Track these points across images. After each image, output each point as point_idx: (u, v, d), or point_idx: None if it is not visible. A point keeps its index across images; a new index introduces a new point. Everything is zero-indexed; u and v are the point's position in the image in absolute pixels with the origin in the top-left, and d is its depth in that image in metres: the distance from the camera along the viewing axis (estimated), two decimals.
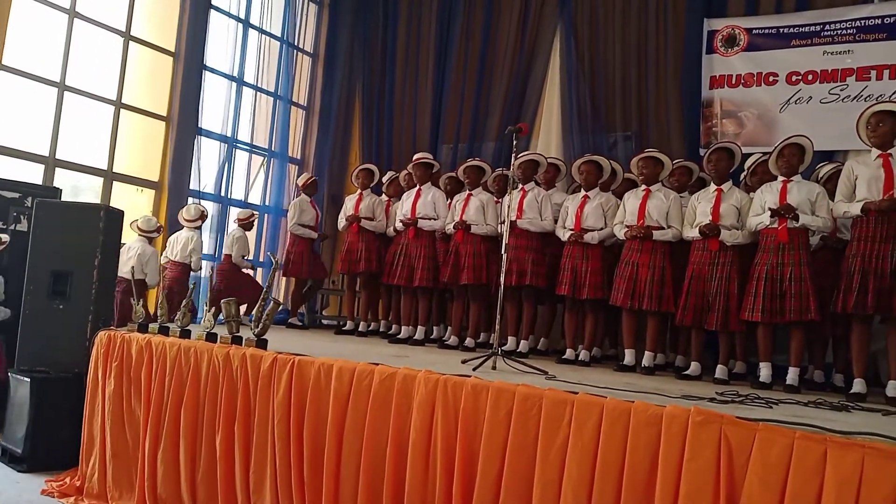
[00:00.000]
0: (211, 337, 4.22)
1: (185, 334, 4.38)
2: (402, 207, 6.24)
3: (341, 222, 6.82)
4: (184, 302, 4.61)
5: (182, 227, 6.65)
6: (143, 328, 4.62)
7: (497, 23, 7.99)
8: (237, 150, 7.88)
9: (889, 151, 4.19)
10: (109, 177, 6.82)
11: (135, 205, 7.10)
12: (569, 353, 5.29)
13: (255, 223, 7.49)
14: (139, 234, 6.39)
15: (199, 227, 6.67)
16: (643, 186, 5.09)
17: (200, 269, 6.68)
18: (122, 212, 5.18)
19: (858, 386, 4.11)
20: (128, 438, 4.34)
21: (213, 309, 4.45)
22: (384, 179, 7.14)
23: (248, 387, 3.82)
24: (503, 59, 7.86)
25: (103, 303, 4.87)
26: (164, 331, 4.51)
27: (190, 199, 7.15)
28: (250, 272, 7.45)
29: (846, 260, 4.21)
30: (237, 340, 4.11)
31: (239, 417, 3.82)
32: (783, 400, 3.67)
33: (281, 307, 6.64)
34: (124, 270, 5.70)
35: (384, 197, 7.03)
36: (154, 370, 4.28)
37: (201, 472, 3.98)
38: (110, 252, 4.98)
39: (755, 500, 2.52)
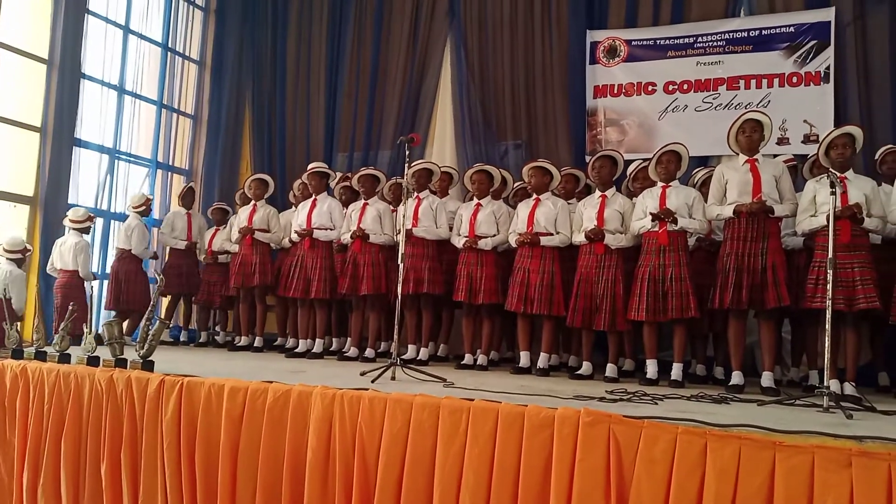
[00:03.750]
0: (93, 361, 4.01)
1: (65, 359, 4.13)
2: (298, 217, 6.14)
3: (234, 234, 6.63)
4: (62, 325, 4.36)
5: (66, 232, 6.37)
6: (17, 354, 4.33)
7: (388, 32, 8.00)
8: (119, 162, 7.53)
9: (755, 157, 4.49)
10: None
11: (8, 221, 6.65)
12: (467, 359, 5.36)
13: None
14: (5, 255, 6.02)
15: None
16: (534, 195, 5.23)
17: (92, 278, 6.39)
18: None
19: (737, 378, 4.37)
20: (2, 473, 4.06)
21: (94, 331, 4.22)
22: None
23: (133, 411, 3.65)
24: (395, 68, 7.88)
25: None
26: (40, 356, 4.25)
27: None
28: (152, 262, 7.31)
29: (721, 259, 4.47)
30: (121, 363, 3.91)
31: (125, 444, 3.64)
32: (668, 395, 3.86)
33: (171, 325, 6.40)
34: None
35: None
36: (31, 399, 4.03)
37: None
38: None
39: (643, 494, 2.63)
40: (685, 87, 6.71)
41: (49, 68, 6.81)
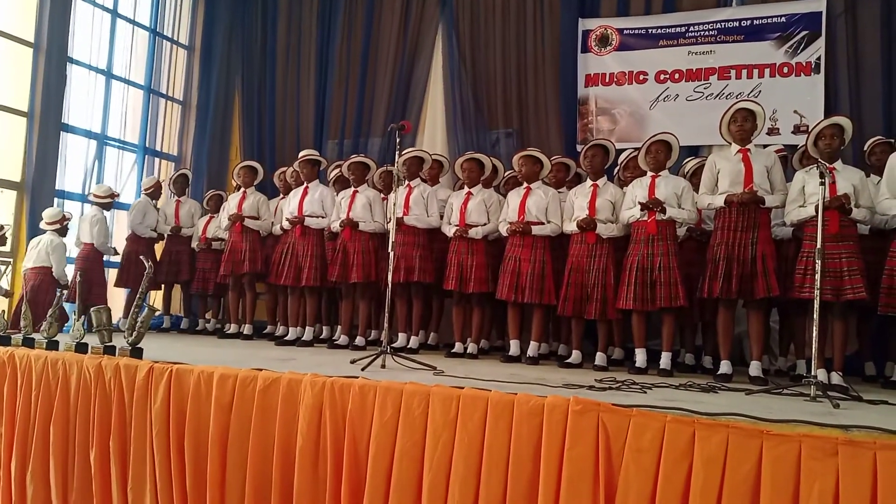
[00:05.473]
0: (81, 348, 3.98)
1: (52, 346, 4.11)
2: (290, 205, 6.11)
3: (224, 221, 6.60)
4: (50, 311, 4.33)
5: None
6: (4, 341, 4.30)
7: (379, 20, 7.95)
8: (107, 147, 7.47)
9: (747, 147, 4.50)
10: None
11: None
12: (458, 347, 5.37)
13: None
14: (47, 227, 6.13)
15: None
16: (525, 184, 5.23)
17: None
18: None
19: (725, 367, 4.40)
20: None
21: (83, 318, 4.20)
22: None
23: (122, 399, 3.63)
24: (386, 55, 7.83)
25: None
26: (28, 343, 4.22)
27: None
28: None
29: (710, 248, 4.48)
30: (109, 350, 3.89)
31: (114, 431, 3.63)
32: (657, 384, 3.88)
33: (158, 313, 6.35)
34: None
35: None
36: (19, 386, 4.01)
37: (75, 491, 3.76)
38: None
39: (631, 483, 2.65)
40: (676, 76, 6.72)
41: (36, 52, 6.73)
